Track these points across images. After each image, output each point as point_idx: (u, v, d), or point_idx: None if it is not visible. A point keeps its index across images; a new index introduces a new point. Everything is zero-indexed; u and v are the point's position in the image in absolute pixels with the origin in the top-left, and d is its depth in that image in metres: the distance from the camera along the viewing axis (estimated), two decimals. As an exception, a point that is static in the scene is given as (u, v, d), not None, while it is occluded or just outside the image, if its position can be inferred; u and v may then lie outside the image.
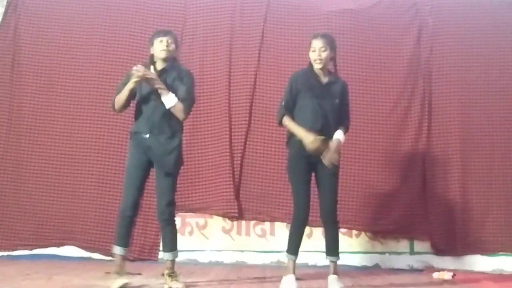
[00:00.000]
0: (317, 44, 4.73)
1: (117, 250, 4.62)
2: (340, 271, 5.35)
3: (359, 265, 6.28)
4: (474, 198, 6.26)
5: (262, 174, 6.41)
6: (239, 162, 6.43)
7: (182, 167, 4.85)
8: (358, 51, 6.51)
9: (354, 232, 6.39)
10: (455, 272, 5.58)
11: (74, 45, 6.72)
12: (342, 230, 6.34)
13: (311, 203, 4.73)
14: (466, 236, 6.21)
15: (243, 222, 6.44)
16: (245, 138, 6.47)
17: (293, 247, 4.69)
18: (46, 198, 6.46)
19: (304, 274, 5.30)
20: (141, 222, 6.37)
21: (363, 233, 6.36)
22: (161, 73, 4.64)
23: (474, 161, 6.32)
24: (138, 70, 4.50)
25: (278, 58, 6.60)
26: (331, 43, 4.76)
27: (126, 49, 6.65)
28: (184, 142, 6.40)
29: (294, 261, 4.67)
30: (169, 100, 4.53)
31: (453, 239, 6.19)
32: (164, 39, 4.64)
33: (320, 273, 5.47)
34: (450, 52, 6.52)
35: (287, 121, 4.72)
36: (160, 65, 4.68)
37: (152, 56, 4.72)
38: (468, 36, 6.54)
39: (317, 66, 4.76)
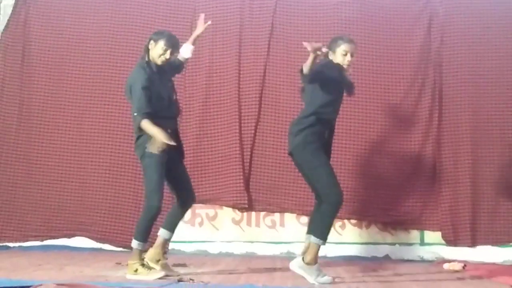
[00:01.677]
0: (350, 48, 4.67)
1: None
2: (351, 262, 5.36)
3: (369, 256, 6.28)
4: (485, 188, 6.22)
5: (272, 165, 6.40)
6: (249, 153, 6.43)
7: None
8: (368, 41, 6.47)
9: (364, 223, 6.38)
10: (465, 263, 5.56)
11: (84, 37, 6.72)
12: (352, 221, 6.37)
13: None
14: (477, 227, 6.18)
15: (253, 213, 6.45)
16: (254, 129, 6.46)
17: (328, 232, 4.59)
18: (57, 190, 6.49)
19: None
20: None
21: (373, 224, 6.35)
22: (161, 71, 4.67)
23: (485, 151, 6.28)
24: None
25: (287, 49, 6.57)
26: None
27: (136, 40, 6.62)
28: (193, 133, 6.50)
29: None
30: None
31: (464, 230, 6.17)
32: (169, 52, 4.62)
33: (330, 263, 5.47)
34: (461, 42, 6.47)
35: None
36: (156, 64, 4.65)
37: (148, 50, 4.67)
38: (479, 26, 6.48)
39: (347, 68, 4.70)
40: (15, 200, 6.51)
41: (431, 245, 6.29)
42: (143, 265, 4.46)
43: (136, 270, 4.42)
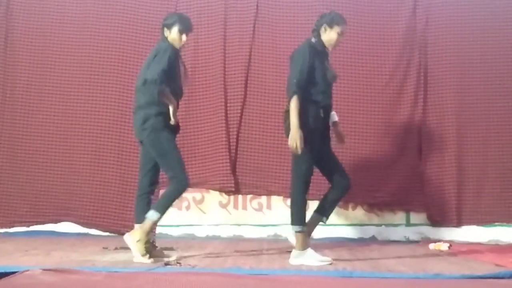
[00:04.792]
0: (344, 29, 4.67)
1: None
2: (337, 243, 5.40)
3: (356, 237, 6.32)
4: (470, 169, 6.27)
5: (258, 148, 6.41)
6: (235, 136, 6.42)
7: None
8: (353, 23, 6.43)
9: (351, 204, 6.41)
10: (451, 243, 5.61)
11: (67, 21, 6.66)
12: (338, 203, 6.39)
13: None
14: (462, 207, 6.23)
15: (240, 196, 6.46)
16: (240, 112, 6.45)
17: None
18: (42, 175, 6.46)
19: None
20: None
21: (359, 206, 6.38)
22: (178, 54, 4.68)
23: (470, 132, 6.32)
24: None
25: (273, 31, 6.55)
26: None
27: (120, 24, 6.59)
28: (179, 117, 6.43)
29: None
30: None
31: (449, 210, 6.22)
32: (185, 35, 4.63)
33: (317, 245, 5.50)
34: (446, 23, 6.47)
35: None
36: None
37: (166, 38, 4.65)
38: (464, 7, 6.47)
39: (331, 49, 4.71)
40: (0, 186, 6.47)
41: (417, 225, 6.34)
42: (146, 243, 4.45)
43: (138, 241, 4.43)
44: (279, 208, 6.41)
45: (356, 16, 6.48)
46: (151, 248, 4.58)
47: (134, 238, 4.47)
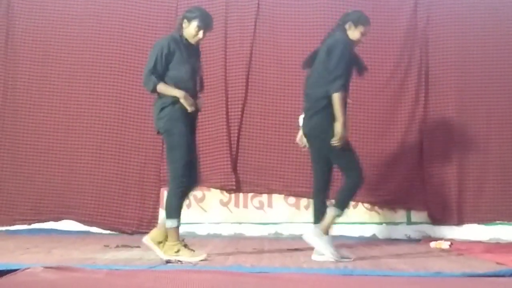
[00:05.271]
0: (368, 31, 4.69)
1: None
2: (338, 242, 5.38)
3: (357, 235, 6.32)
4: (471, 167, 6.27)
5: (259, 146, 6.41)
6: (236, 134, 6.43)
7: None
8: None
9: (351, 203, 6.39)
10: (452, 242, 5.60)
11: (68, 18, 6.66)
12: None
13: (309, 174, 4.68)
14: (463, 205, 6.24)
15: (241, 194, 6.46)
16: (241, 110, 6.45)
17: None
18: (43, 173, 6.47)
19: (303, 245, 5.32)
20: (139, 195, 6.40)
21: (360, 204, 6.38)
22: (192, 49, 4.64)
23: (471, 130, 6.32)
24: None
25: (274, 29, 6.55)
26: None
27: (121, 21, 6.59)
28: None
29: None
30: None
31: (450, 209, 6.23)
32: (202, 32, 4.56)
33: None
34: (447, 21, 6.47)
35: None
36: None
37: (181, 29, 4.59)
38: (465, 5, 6.47)
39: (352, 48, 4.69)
40: (1, 183, 6.48)
41: (418, 224, 6.34)
42: (185, 246, 4.43)
43: (178, 251, 4.38)
44: (280, 206, 6.41)
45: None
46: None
47: (172, 252, 4.40)
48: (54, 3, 6.68)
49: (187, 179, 4.48)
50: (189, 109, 4.44)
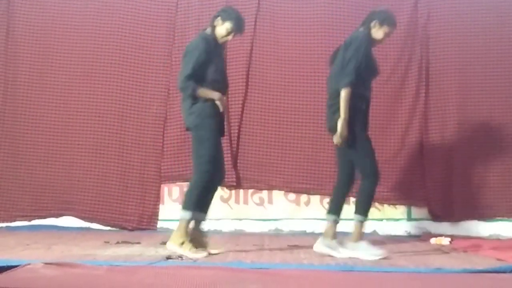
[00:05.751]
0: (392, 32, 4.69)
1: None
2: (338, 238, 5.39)
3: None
4: (471, 163, 6.26)
5: (260, 143, 6.41)
6: (236, 131, 6.42)
7: None
8: (355, 17, 6.42)
9: (352, 199, 6.37)
10: (452, 238, 5.60)
11: (69, 16, 6.65)
12: (339, 197, 6.39)
13: (309, 170, 4.65)
14: (463, 201, 6.23)
15: (241, 190, 6.47)
16: (242, 106, 6.45)
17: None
18: (44, 169, 6.47)
19: (303, 241, 5.33)
20: (139, 191, 6.40)
21: (360, 201, 6.37)
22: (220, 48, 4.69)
23: (471, 126, 6.31)
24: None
25: (274, 25, 6.54)
26: None
27: (121, 18, 6.59)
28: (180, 111, 6.47)
29: None
30: None
31: (450, 205, 6.22)
32: (232, 35, 4.60)
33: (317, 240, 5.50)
34: (448, 17, 6.46)
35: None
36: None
37: (214, 28, 4.61)
38: (466, 1, 6.46)
39: (373, 46, 4.67)
40: (2, 180, 6.48)
41: (418, 220, 6.34)
42: (191, 240, 4.42)
43: (182, 243, 4.38)
44: (280, 203, 6.42)
45: (358, 10, 6.45)
46: (198, 239, 4.52)
47: (176, 243, 4.41)
48: (54, 0, 6.67)
49: (212, 174, 4.49)
50: (222, 109, 4.51)
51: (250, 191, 6.47)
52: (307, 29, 6.46)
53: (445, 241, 5.45)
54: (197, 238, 4.51)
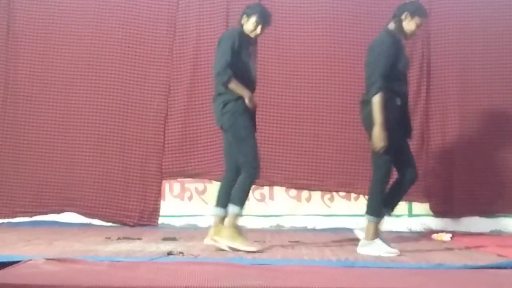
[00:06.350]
0: (424, 23, 4.68)
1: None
2: (340, 234, 5.39)
3: (358, 228, 6.29)
4: (472, 160, 6.25)
5: (261, 139, 6.34)
6: (237, 127, 6.41)
7: None
8: (355, 14, 6.44)
9: (353, 195, 6.41)
10: (453, 234, 5.61)
11: (69, 13, 6.64)
12: (340, 193, 6.40)
13: (310, 166, 4.60)
14: (464, 197, 6.23)
15: (242, 186, 6.45)
16: (243, 103, 6.43)
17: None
18: (45, 165, 6.47)
19: (305, 237, 5.34)
20: (140, 187, 6.41)
21: (361, 196, 6.37)
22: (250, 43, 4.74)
23: (472, 122, 6.30)
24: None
25: (274, 22, 6.48)
26: None
27: (122, 15, 6.58)
28: (182, 107, 6.49)
29: None
30: None
31: (451, 201, 6.22)
32: (260, 27, 4.65)
33: (319, 236, 5.51)
34: (449, 14, 6.44)
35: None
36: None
37: (241, 25, 4.67)
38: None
39: (405, 40, 4.66)
40: (3, 176, 6.48)
41: (419, 216, 6.34)
42: (240, 234, 4.45)
43: (233, 237, 4.41)
44: (281, 199, 6.42)
45: (359, 7, 6.46)
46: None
47: (229, 237, 4.42)
48: (54, -3, 6.67)
49: (258, 170, 4.59)
50: (251, 107, 4.58)
51: (251, 187, 6.46)
52: (308, 25, 6.45)
53: (446, 237, 5.45)
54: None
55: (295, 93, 6.37)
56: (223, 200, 4.68)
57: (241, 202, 4.52)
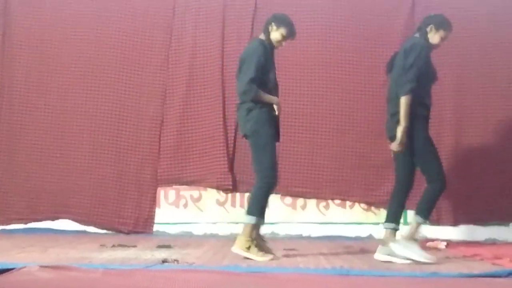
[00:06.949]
0: (448, 37, 4.69)
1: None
2: (335, 242, 5.39)
3: (353, 235, 6.31)
4: (467, 168, 6.26)
5: (256, 146, 6.39)
6: (233, 134, 6.42)
7: None
8: (352, 21, 6.46)
9: (348, 203, 6.41)
10: (448, 242, 5.61)
11: (66, 18, 6.65)
12: (336, 201, 6.40)
13: (305, 174, 4.59)
14: (459, 206, 6.23)
15: (237, 194, 6.46)
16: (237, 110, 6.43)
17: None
18: (40, 172, 6.46)
19: (300, 245, 5.33)
20: (135, 194, 6.40)
21: (356, 204, 6.38)
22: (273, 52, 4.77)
23: (467, 130, 6.31)
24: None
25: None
26: None
27: (119, 20, 6.59)
28: (177, 114, 6.48)
29: None
30: None
31: (446, 209, 6.22)
32: (285, 42, 4.69)
33: (314, 244, 5.51)
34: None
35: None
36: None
37: (268, 33, 4.68)
38: (463, 4, 6.45)
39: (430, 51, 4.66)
40: (-3, 183, 6.47)
41: (414, 224, 6.33)
42: (257, 245, 4.45)
43: (248, 248, 4.41)
44: (276, 206, 6.40)
45: (356, 12, 6.48)
46: (259, 243, 4.53)
47: (242, 247, 4.43)
48: (51, 1, 6.66)
49: (274, 179, 4.59)
50: (278, 112, 4.58)
51: (247, 194, 6.43)
52: (304, 32, 6.46)
53: (441, 245, 5.45)
54: (258, 243, 4.52)
55: (291, 100, 6.36)
56: None
57: (256, 212, 4.51)
